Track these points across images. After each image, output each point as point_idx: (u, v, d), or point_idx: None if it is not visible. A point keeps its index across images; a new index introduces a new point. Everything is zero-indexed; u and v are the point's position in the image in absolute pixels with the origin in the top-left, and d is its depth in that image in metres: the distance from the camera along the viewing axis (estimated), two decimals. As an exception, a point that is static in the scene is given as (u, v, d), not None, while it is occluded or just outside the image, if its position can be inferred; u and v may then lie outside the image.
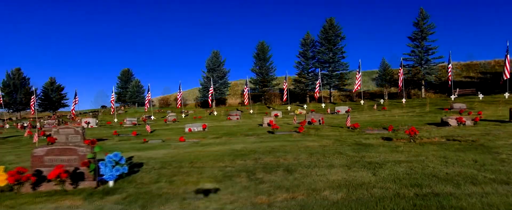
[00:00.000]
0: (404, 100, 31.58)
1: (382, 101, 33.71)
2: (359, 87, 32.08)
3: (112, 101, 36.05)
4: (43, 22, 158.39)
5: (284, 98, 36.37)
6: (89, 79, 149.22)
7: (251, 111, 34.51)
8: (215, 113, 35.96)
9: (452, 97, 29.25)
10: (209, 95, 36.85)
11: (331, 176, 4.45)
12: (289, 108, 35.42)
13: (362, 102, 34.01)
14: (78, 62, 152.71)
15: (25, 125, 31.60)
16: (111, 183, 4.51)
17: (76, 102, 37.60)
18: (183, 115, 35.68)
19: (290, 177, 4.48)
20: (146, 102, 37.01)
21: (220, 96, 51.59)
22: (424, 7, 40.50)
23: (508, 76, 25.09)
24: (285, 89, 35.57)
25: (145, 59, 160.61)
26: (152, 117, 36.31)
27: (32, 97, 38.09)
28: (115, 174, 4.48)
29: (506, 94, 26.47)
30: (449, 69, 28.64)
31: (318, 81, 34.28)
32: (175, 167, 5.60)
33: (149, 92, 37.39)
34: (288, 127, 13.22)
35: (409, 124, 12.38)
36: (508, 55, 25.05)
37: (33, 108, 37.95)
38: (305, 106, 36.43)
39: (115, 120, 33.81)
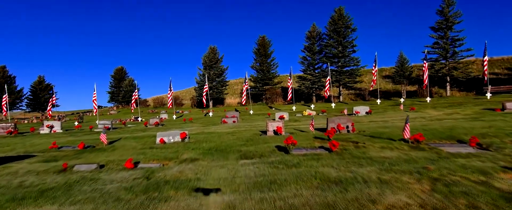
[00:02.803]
0: (428, 99, 27.23)
1: (401, 100, 29.33)
2: (374, 84, 27.74)
3: (94, 101, 31.61)
4: (33, 19, 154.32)
5: (289, 97, 32.00)
6: (83, 78, 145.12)
7: (251, 112, 30.20)
8: (211, 114, 31.70)
9: (488, 95, 24.87)
10: (204, 93, 32.49)
11: None
12: (294, 108, 31.09)
13: (378, 101, 29.67)
14: (69, 61, 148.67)
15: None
16: None
17: (53, 101, 33.34)
18: (174, 117, 31.44)
19: None
20: (132, 101, 32.65)
21: (218, 95, 47.28)
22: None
23: None
24: (290, 86, 31.21)
25: (140, 57, 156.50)
26: (139, 119, 32.11)
27: (3, 97, 33.81)
28: None
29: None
30: (485, 62, 24.25)
31: (328, 78, 29.92)
32: None
33: (136, 91, 33.04)
34: (305, 138, 8.87)
35: (483, 133, 8.09)
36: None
37: (4, 109, 33.59)
38: (312, 106, 32.09)
39: (97, 121, 29.77)
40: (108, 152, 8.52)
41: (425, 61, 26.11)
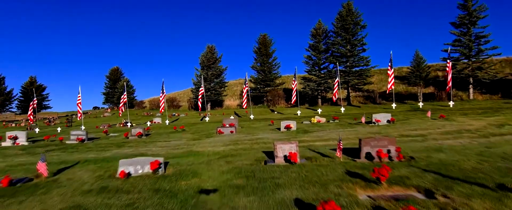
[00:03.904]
0: (451, 103, 24.24)
1: (420, 104, 26.34)
2: (393, 86, 24.74)
3: (79, 104, 28.64)
4: (28, 18, 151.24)
5: (293, 100, 29.04)
6: (79, 78, 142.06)
7: (252, 116, 27.24)
8: (207, 119, 28.75)
9: (521, 99, 21.88)
10: (199, 95, 29.49)
11: None
12: (299, 112, 28.12)
13: (393, 105, 26.62)
14: (64, 61, 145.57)
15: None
16: None
17: (34, 104, 30.39)
18: (167, 122, 28.52)
19: None
20: (120, 104, 29.67)
21: (216, 97, 44.35)
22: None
23: None
24: (294, 88, 28.26)
25: (137, 57, 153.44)
26: (129, 124, 29.20)
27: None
28: None
29: None
30: (519, 62, 21.21)
31: (336, 79, 26.97)
32: None
33: (125, 93, 30.04)
34: (335, 176, 5.91)
35: None
36: None
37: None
38: (319, 110, 29.12)
39: (83, 127, 27.09)
40: (35, 197, 5.53)
41: (448, 61, 23.10)
